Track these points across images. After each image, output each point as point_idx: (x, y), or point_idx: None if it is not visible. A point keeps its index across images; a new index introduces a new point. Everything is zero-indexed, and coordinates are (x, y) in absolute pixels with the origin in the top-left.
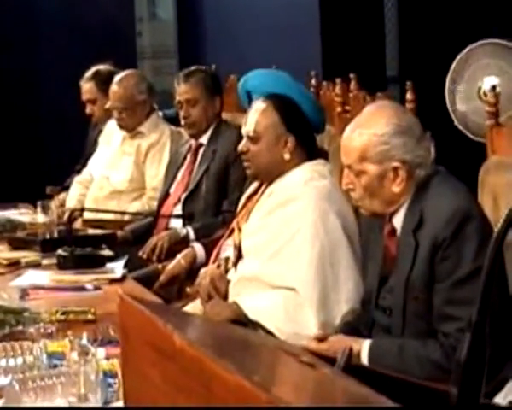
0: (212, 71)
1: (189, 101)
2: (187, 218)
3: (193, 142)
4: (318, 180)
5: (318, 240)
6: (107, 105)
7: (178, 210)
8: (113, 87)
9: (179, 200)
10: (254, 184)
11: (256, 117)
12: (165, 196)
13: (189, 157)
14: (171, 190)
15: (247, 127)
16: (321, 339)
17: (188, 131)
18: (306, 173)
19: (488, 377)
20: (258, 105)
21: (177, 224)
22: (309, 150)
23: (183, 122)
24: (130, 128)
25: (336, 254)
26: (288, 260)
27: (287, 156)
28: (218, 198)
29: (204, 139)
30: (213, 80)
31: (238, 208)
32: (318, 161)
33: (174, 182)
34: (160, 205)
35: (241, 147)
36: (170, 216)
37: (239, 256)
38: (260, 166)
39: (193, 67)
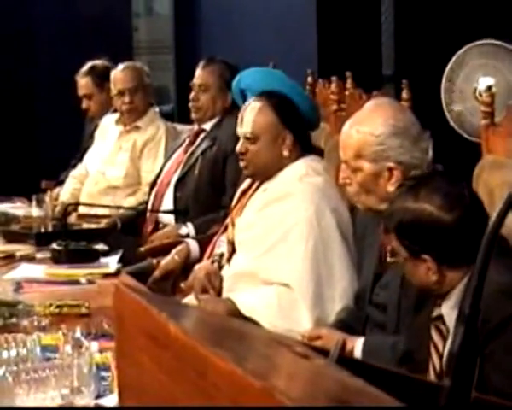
0: (235, 67)
1: (201, 85)
2: (181, 213)
3: (195, 127)
4: (313, 177)
5: (313, 236)
6: (114, 92)
7: (170, 190)
8: (119, 73)
9: (170, 180)
10: (248, 179)
11: (253, 117)
12: (159, 174)
13: (187, 140)
14: (165, 170)
15: (244, 128)
16: (314, 338)
17: (193, 115)
18: (301, 169)
19: None
20: (254, 104)
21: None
22: (304, 146)
23: (190, 104)
24: (141, 112)
25: (330, 251)
26: (282, 256)
27: (286, 153)
28: (210, 184)
29: (207, 126)
30: (232, 76)
31: (233, 203)
32: (313, 157)
33: (168, 162)
34: (153, 185)
35: (239, 148)
36: (163, 211)
37: (233, 251)
38: (259, 166)
39: (218, 58)
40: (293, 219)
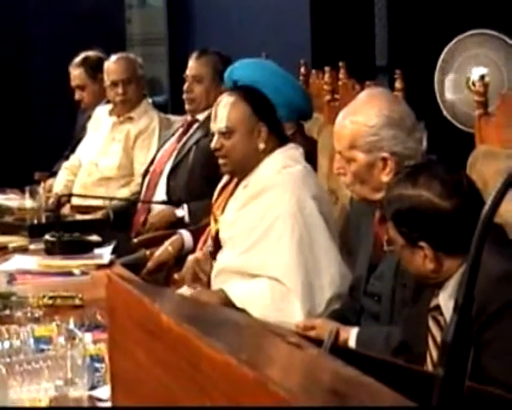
0: (228, 58)
1: (194, 76)
2: (174, 204)
3: (189, 117)
4: (292, 166)
5: (297, 227)
6: (108, 83)
7: (163, 180)
8: (112, 64)
9: (162, 170)
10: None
11: (227, 111)
12: (151, 163)
13: (180, 130)
14: (157, 158)
15: (219, 123)
16: (308, 328)
17: (187, 106)
18: (279, 161)
19: None
20: (227, 99)
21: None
22: (279, 137)
23: (184, 96)
24: (134, 103)
25: (315, 240)
26: (268, 250)
27: (261, 146)
28: (203, 173)
29: (200, 116)
30: (225, 67)
31: (213, 199)
32: (289, 145)
33: (161, 150)
34: (145, 174)
35: (214, 144)
36: (155, 202)
37: (216, 247)
38: (236, 161)
39: (211, 49)
40: (275, 212)
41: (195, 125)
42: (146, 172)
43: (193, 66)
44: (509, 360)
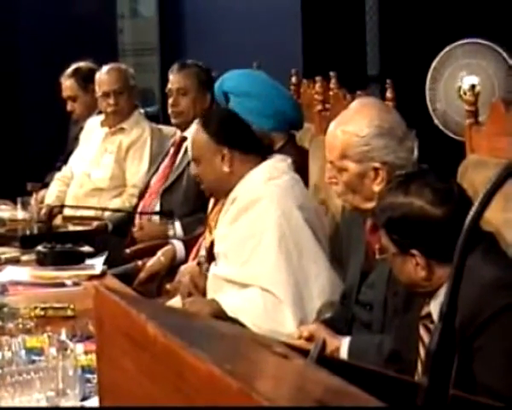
0: (208, 68)
1: (179, 90)
2: (166, 215)
3: (178, 135)
4: (278, 177)
5: (284, 239)
6: (99, 93)
7: (157, 202)
8: (103, 75)
9: (158, 191)
10: None
11: (191, 141)
12: (147, 187)
13: (172, 150)
14: (152, 182)
15: (189, 153)
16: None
17: (174, 120)
18: (265, 173)
19: None
20: (192, 129)
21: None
22: (258, 152)
23: (170, 110)
24: (126, 113)
25: (303, 250)
26: (257, 264)
27: (226, 169)
28: (199, 192)
29: (188, 133)
30: (207, 77)
31: (208, 210)
32: (276, 157)
33: (156, 174)
34: (141, 197)
35: (192, 172)
36: (149, 213)
37: (210, 258)
38: (210, 185)
39: (189, 61)
40: (263, 226)
41: (185, 144)
42: (143, 194)
43: (175, 79)
44: (501, 367)
